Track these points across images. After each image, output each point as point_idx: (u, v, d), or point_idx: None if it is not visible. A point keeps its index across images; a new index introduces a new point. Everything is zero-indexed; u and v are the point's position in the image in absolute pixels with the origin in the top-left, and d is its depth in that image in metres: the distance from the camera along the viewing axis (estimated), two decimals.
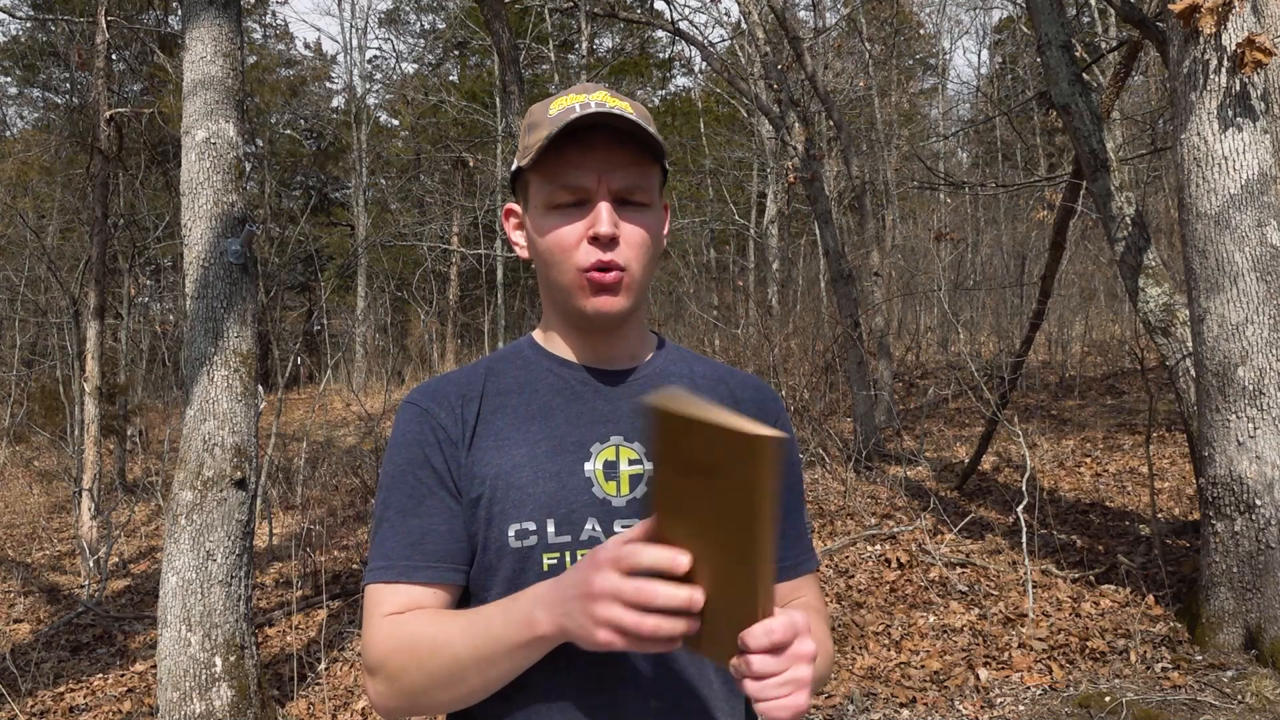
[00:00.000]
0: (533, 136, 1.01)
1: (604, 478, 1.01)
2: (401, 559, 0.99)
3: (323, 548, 6.85)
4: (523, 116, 6.36)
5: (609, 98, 1.01)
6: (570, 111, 0.97)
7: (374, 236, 20.00)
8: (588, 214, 0.99)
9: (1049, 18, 4.48)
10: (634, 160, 0.99)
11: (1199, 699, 3.25)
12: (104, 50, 8.66)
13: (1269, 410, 3.50)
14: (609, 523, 1.00)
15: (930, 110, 24.46)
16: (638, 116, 0.98)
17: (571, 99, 1.00)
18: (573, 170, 0.98)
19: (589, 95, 1.01)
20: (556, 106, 1.00)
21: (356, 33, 38.57)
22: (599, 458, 1.02)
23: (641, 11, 12.44)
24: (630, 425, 1.05)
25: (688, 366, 1.14)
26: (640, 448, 1.04)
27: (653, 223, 1.02)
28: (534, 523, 0.98)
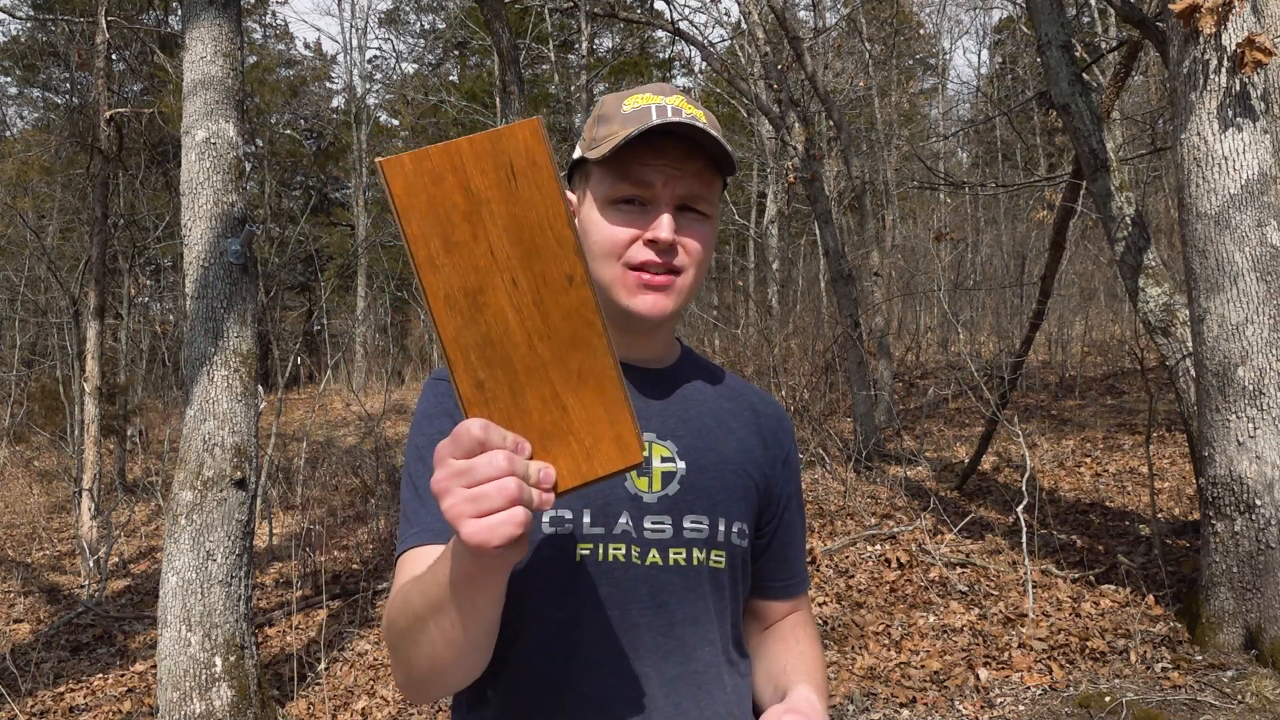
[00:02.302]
0: (603, 129, 1.00)
1: (636, 473, 1.01)
2: (436, 522, 0.94)
3: (323, 548, 6.85)
4: (523, 117, 6.36)
5: (685, 104, 1.00)
6: (647, 113, 0.97)
7: (374, 236, 20.01)
8: (648, 216, 0.98)
9: (1049, 18, 4.48)
10: (702, 170, 0.98)
11: (1199, 699, 3.25)
12: (104, 50, 8.66)
13: (1269, 410, 3.50)
14: (640, 518, 1.00)
15: (930, 110, 24.47)
16: (710, 127, 0.98)
17: (648, 99, 1.00)
18: (641, 169, 0.97)
19: (665, 98, 1.00)
20: (632, 104, 1.00)
21: (356, 33, 38.62)
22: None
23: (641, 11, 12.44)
24: (662, 424, 1.05)
25: (712, 374, 1.15)
26: (673, 445, 1.04)
27: (708, 234, 1.02)
28: (569, 511, 0.98)
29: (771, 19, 9.70)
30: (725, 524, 1.03)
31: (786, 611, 1.15)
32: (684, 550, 1.00)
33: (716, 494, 1.03)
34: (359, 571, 6.29)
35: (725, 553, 1.03)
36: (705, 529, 1.02)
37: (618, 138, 0.96)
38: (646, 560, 0.99)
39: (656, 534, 1.00)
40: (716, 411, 1.10)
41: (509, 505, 0.66)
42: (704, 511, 1.02)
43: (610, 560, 0.98)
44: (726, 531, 1.03)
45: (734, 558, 1.04)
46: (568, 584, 0.98)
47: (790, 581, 1.14)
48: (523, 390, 0.69)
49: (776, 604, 1.14)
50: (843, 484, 6.54)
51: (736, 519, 1.04)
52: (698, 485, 1.03)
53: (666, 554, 1.00)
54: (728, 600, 1.05)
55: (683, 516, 1.01)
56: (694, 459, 1.03)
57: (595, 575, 0.98)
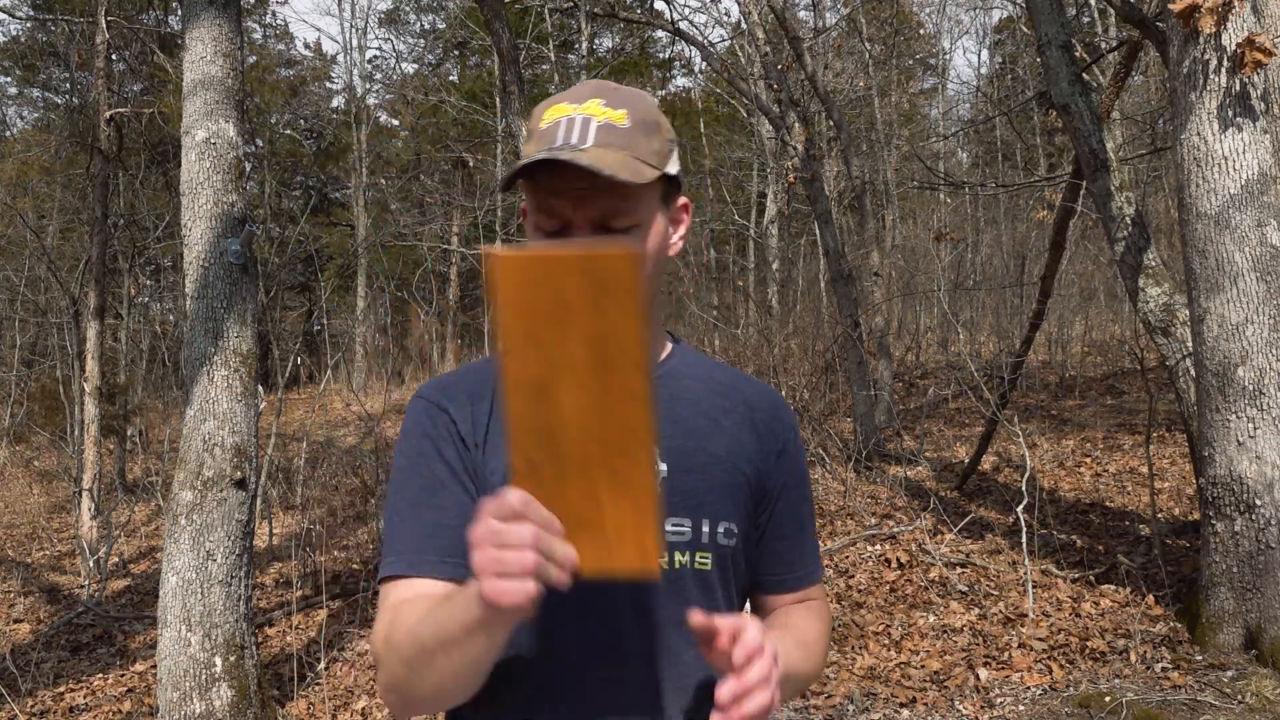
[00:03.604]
0: (527, 143, 0.98)
1: None
2: (412, 551, 0.97)
3: (323, 548, 6.85)
4: (523, 117, 6.35)
5: (598, 109, 0.96)
6: (554, 132, 0.94)
7: (374, 236, 20.01)
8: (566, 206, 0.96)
9: (1049, 18, 4.48)
10: (612, 186, 0.92)
11: (1199, 699, 3.25)
12: (104, 50, 8.66)
13: (1269, 410, 3.50)
14: None
15: (930, 110, 24.47)
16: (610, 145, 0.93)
17: (561, 110, 0.97)
18: (550, 200, 0.95)
19: (579, 107, 0.96)
20: (547, 117, 0.97)
21: (356, 33, 38.63)
22: None
23: (641, 11, 12.44)
24: None
25: (704, 370, 1.12)
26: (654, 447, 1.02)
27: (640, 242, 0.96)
28: None
29: (771, 19, 9.70)
30: (710, 525, 1.02)
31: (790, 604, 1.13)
32: (666, 553, 0.99)
33: (701, 495, 1.02)
34: (359, 571, 6.29)
35: (711, 554, 1.02)
36: (687, 531, 1.01)
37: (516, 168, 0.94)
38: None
39: None
40: (707, 409, 1.07)
41: (524, 575, 0.73)
42: (686, 514, 1.01)
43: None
44: (711, 532, 1.02)
45: (722, 557, 1.03)
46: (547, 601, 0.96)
47: (788, 577, 1.12)
48: (567, 479, 0.77)
49: (775, 598, 1.12)
50: (843, 484, 6.54)
51: (724, 519, 1.03)
52: (681, 487, 1.01)
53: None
54: (719, 600, 1.04)
55: (664, 520, 0.99)
56: (677, 460, 1.02)
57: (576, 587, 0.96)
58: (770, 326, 11.44)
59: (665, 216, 1.02)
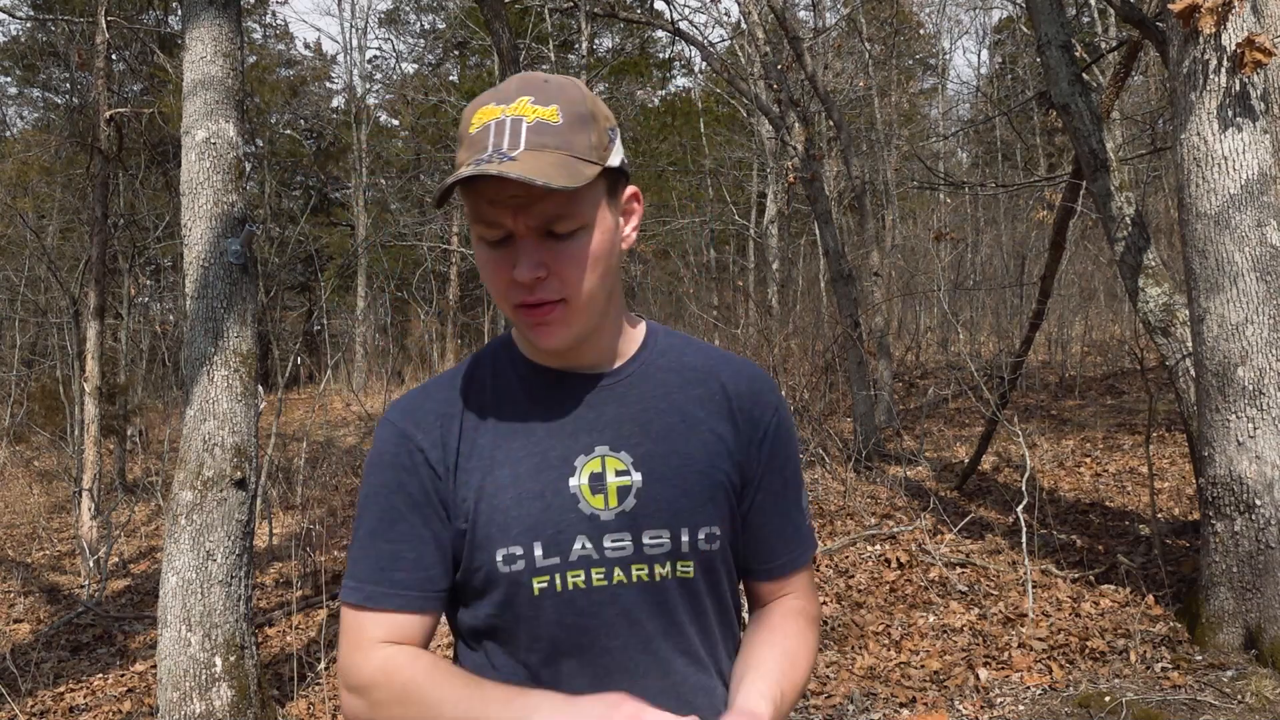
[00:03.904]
0: (459, 152, 0.94)
1: (590, 491, 0.97)
2: (370, 582, 0.98)
3: (323, 548, 6.85)
4: None
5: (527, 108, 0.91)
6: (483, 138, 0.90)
7: (374, 236, 20.01)
8: (513, 251, 0.92)
9: (1049, 18, 4.48)
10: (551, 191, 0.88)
11: (1199, 699, 3.26)
12: (104, 50, 8.66)
13: (1269, 410, 3.50)
14: (598, 539, 0.97)
15: (930, 110, 24.47)
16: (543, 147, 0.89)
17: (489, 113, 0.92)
18: (487, 208, 0.91)
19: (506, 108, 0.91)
20: (476, 121, 0.92)
21: (356, 33, 38.60)
22: (584, 471, 0.98)
23: (641, 11, 12.44)
24: (616, 433, 1.00)
25: (677, 356, 1.07)
26: (627, 457, 0.99)
27: (583, 248, 0.92)
28: (520, 547, 0.96)
29: (771, 19, 9.70)
30: (690, 533, 0.99)
31: (774, 592, 1.10)
32: (645, 566, 0.98)
33: (678, 502, 0.99)
34: None
35: (693, 560, 1.00)
36: (666, 542, 0.98)
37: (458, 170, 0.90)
38: (612, 580, 0.97)
39: (617, 551, 0.97)
40: (682, 404, 1.03)
41: None
42: (664, 525, 0.98)
43: (571, 589, 0.96)
44: (692, 540, 0.99)
45: (705, 562, 1.01)
46: (532, 626, 0.97)
47: (771, 565, 1.09)
48: None
49: (762, 585, 1.10)
50: (843, 484, 6.54)
51: (704, 524, 1.00)
52: (657, 497, 0.98)
53: (629, 571, 0.98)
54: (707, 606, 1.03)
55: (641, 533, 0.98)
56: (652, 467, 0.99)
57: (558, 609, 0.97)
58: (770, 326, 11.44)
59: (613, 211, 0.97)
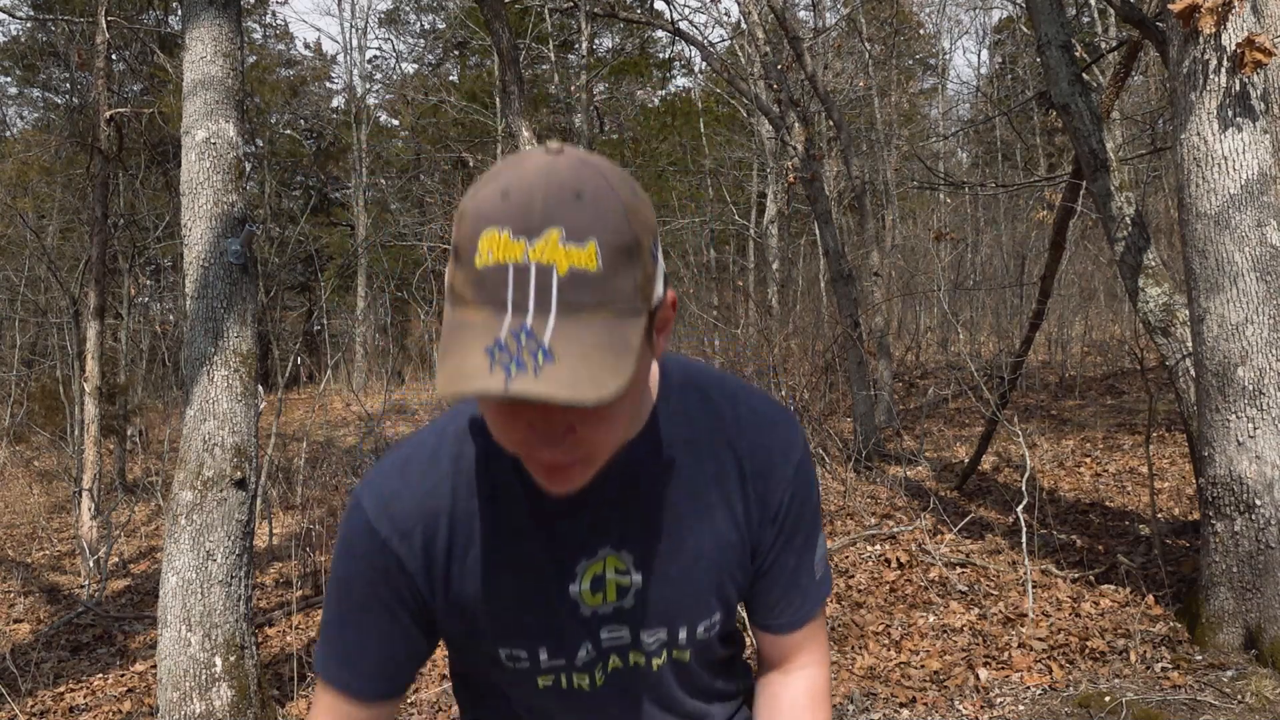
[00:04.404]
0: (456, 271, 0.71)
1: (590, 594, 0.92)
2: (335, 664, 0.95)
3: (323, 548, 6.85)
4: (524, 117, 6.31)
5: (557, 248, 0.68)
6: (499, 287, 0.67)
7: (374, 236, 20.01)
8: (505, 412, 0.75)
9: (1049, 18, 4.48)
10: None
11: (1199, 699, 3.26)
12: (104, 50, 8.66)
13: (1269, 410, 3.50)
14: (596, 635, 0.95)
15: (930, 110, 24.47)
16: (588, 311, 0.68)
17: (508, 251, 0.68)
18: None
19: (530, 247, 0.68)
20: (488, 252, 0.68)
21: (356, 33, 38.57)
22: (585, 576, 0.92)
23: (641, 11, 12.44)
24: (620, 530, 0.91)
25: (688, 422, 0.93)
26: (629, 556, 0.92)
27: (622, 405, 0.76)
28: (525, 650, 0.94)
29: (771, 19, 9.70)
30: (688, 629, 0.96)
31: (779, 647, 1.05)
32: (643, 656, 0.97)
33: (679, 601, 0.95)
34: None
35: (690, 648, 0.98)
36: (663, 638, 0.97)
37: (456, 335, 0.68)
38: (609, 666, 0.97)
39: (614, 641, 0.96)
40: (693, 484, 0.93)
41: None
42: (661, 624, 0.95)
43: (575, 687, 0.97)
44: (690, 634, 0.97)
45: (702, 647, 1.00)
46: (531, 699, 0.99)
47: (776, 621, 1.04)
48: None
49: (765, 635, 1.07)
50: (843, 484, 6.54)
51: (704, 618, 0.97)
52: (656, 598, 0.94)
53: (626, 657, 0.97)
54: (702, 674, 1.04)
55: (639, 630, 0.96)
56: (653, 567, 0.93)
57: (561, 698, 0.98)
58: (770, 326, 11.44)
59: (651, 341, 0.77)
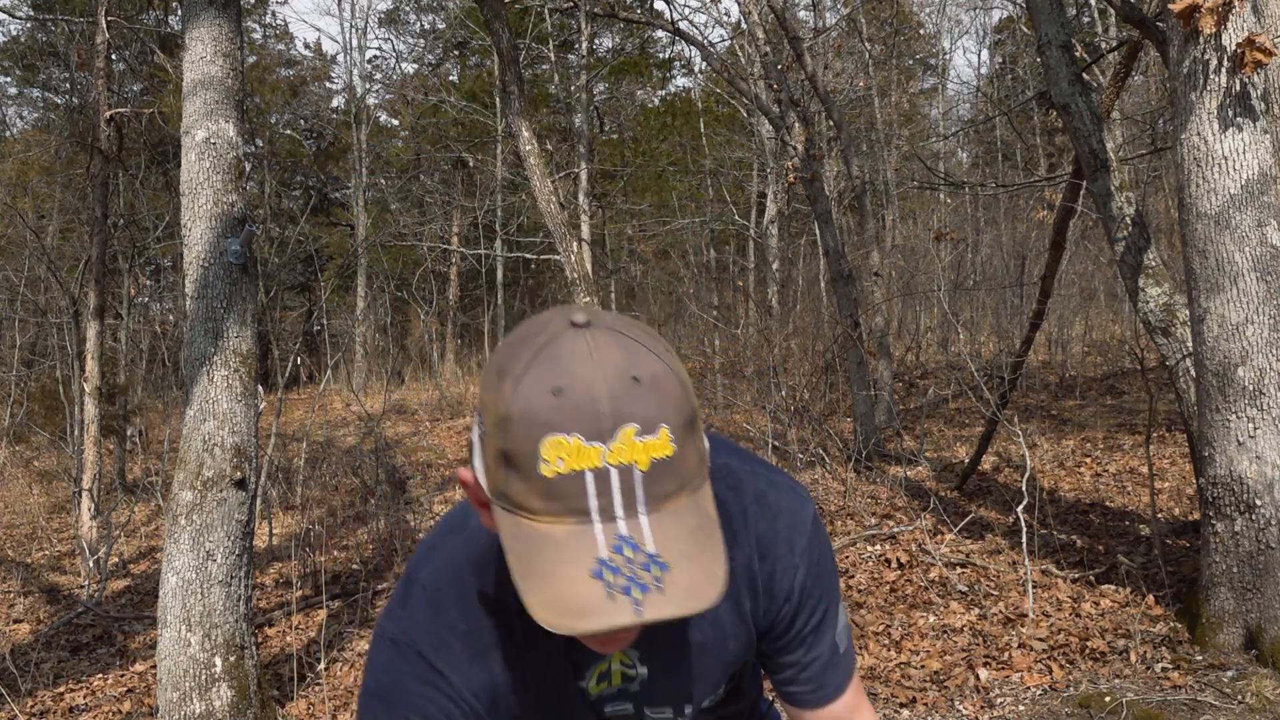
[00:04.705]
0: (507, 479, 0.67)
1: (595, 684, 0.95)
2: None
3: (323, 548, 6.85)
4: (523, 117, 6.30)
5: (635, 445, 0.65)
6: (576, 495, 0.64)
7: (374, 236, 20.01)
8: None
9: (1049, 18, 4.48)
10: None
11: (1199, 699, 3.25)
12: (104, 50, 8.66)
13: (1269, 410, 3.50)
14: (601, 713, 0.97)
15: (930, 110, 24.46)
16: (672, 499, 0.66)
17: (582, 457, 0.64)
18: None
19: (607, 450, 0.64)
20: (554, 457, 0.64)
21: (356, 33, 38.51)
22: (594, 675, 0.94)
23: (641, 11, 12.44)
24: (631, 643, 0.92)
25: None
26: (634, 653, 0.94)
27: None
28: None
29: (771, 19, 9.70)
30: (694, 705, 0.99)
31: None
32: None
33: (683, 688, 0.97)
34: (359, 571, 6.29)
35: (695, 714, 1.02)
36: (669, 714, 0.99)
37: (535, 553, 0.65)
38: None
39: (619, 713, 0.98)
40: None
41: None
42: (668, 704, 0.98)
43: None
44: (695, 708, 0.99)
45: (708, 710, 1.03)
46: None
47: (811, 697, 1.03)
48: None
49: (796, 710, 1.06)
50: (843, 484, 6.54)
51: (709, 694, 1.00)
52: (661, 686, 0.96)
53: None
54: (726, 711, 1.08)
55: (644, 707, 0.97)
56: (658, 661, 0.94)
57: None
58: (770, 326, 11.43)
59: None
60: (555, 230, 6.02)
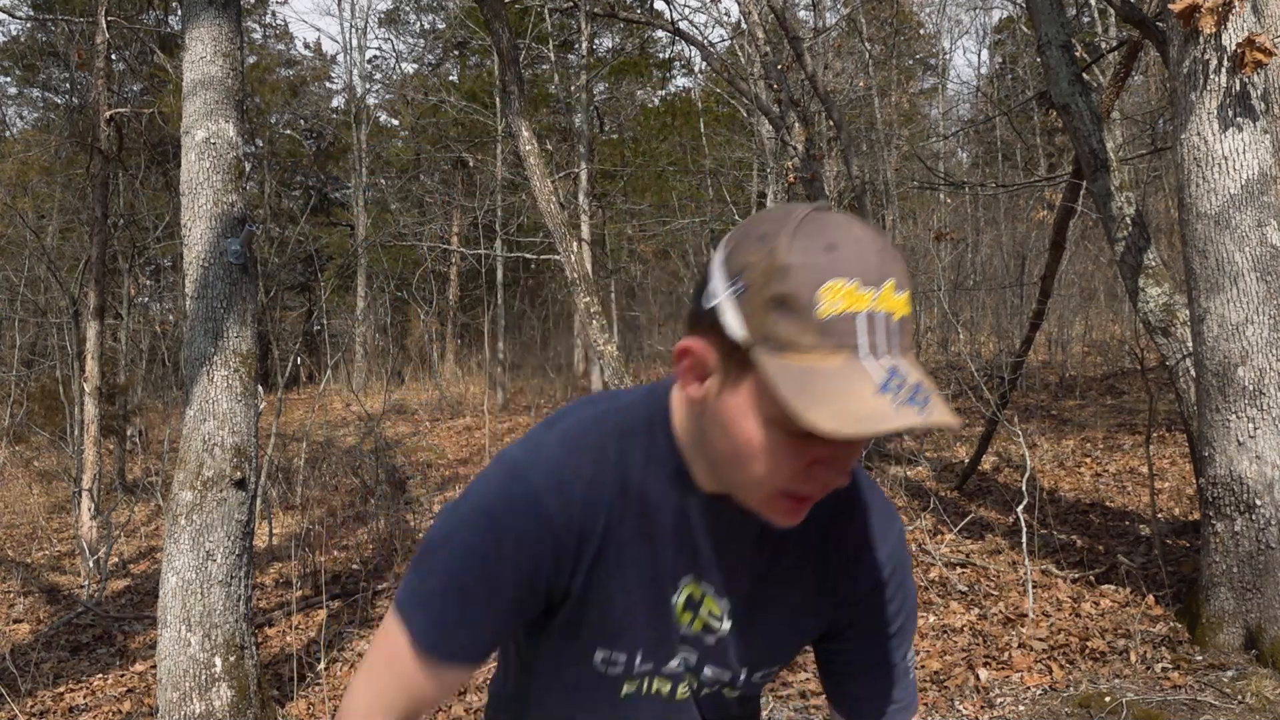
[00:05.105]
0: (787, 325, 0.74)
1: (682, 608, 0.95)
2: (434, 632, 0.90)
3: (323, 548, 6.85)
4: (523, 117, 6.30)
5: (894, 298, 0.75)
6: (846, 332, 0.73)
7: (374, 236, 20.00)
8: (819, 446, 0.78)
9: (1049, 18, 4.48)
10: None
11: (1199, 699, 3.25)
12: (104, 50, 8.65)
13: (1269, 410, 3.50)
14: (678, 650, 0.97)
15: (930, 110, 24.46)
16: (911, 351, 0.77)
17: (855, 300, 0.73)
18: (831, 446, 0.79)
19: (875, 296, 0.74)
20: (832, 300, 0.73)
21: (356, 33, 38.52)
22: (684, 590, 0.94)
23: (641, 11, 12.44)
24: (728, 576, 0.94)
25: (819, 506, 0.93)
26: (725, 604, 0.95)
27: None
28: (624, 654, 0.96)
29: (771, 19, 9.70)
30: (748, 674, 1.00)
31: None
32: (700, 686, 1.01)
33: (751, 653, 0.99)
34: (359, 571, 6.29)
35: (741, 690, 1.02)
36: (726, 678, 1.00)
37: (811, 381, 0.72)
38: (685, 694, 1.01)
39: (682, 665, 0.99)
40: (800, 557, 0.96)
41: None
42: (728, 667, 0.99)
43: (654, 693, 0.99)
44: (748, 679, 1.00)
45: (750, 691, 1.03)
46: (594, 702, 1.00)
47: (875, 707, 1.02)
48: None
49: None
50: None
51: (765, 668, 1.01)
52: (733, 645, 0.97)
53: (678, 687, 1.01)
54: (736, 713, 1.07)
55: (704, 663, 0.99)
56: (741, 620, 0.96)
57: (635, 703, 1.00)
58: None
59: None
60: (555, 230, 6.02)
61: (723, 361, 0.79)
